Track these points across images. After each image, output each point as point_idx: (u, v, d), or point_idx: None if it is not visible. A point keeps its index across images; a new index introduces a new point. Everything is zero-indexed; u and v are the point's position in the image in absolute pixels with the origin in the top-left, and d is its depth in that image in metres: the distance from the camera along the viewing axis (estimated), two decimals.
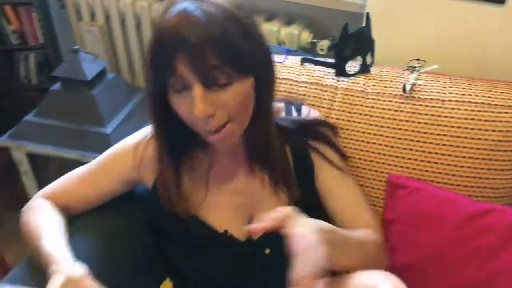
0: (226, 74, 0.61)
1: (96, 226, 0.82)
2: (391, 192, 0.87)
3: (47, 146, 1.22)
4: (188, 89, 0.61)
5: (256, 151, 0.74)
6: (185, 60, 0.58)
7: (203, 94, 0.60)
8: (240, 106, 0.64)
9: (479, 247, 0.76)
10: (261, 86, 0.67)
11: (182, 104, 0.63)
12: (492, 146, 0.82)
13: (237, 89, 0.63)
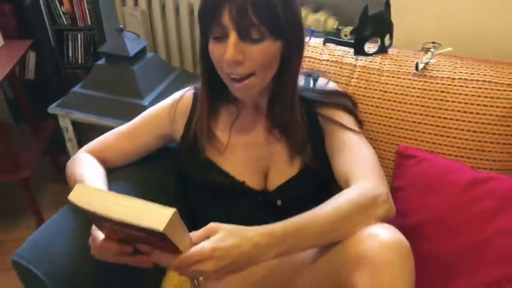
0: (260, 32, 0.71)
1: (132, 177, 0.93)
2: (399, 162, 0.95)
3: (90, 115, 1.35)
4: (225, 38, 0.71)
5: (278, 114, 0.83)
6: (229, 12, 0.69)
7: (236, 42, 0.70)
8: (264, 63, 0.74)
9: (479, 211, 0.82)
10: (289, 53, 0.76)
11: (217, 50, 0.73)
12: (496, 121, 0.88)
13: (266, 48, 0.72)
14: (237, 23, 0.70)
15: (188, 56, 1.73)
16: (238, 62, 0.72)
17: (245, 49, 0.72)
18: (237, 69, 0.73)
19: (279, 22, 0.72)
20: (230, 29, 0.70)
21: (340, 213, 0.68)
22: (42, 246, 0.79)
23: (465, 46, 1.03)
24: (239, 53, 0.71)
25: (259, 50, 0.72)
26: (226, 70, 0.75)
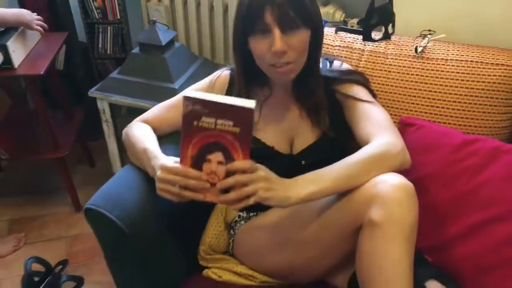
0: (296, 24, 0.88)
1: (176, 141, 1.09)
2: (402, 129, 1.13)
3: (126, 97, 1.53)
4: (268, 33, 0.87)
5: (304, 90, 1.00)
6: (271, 12, 0.86)
7: (280, 35, 0.87)
8: (302, 50, 0.91)
9: (467, 166, 1.00)
10: (314, 39, 0.94)
11: (262, 44, 0.89)
12: (482, 94, 1.07)
13: (301, 37, 0.89)
14: (278, 20, 0.86)
15: (207, 47, 1.91)
16: (284, 52, 0.88)
17: (287, 41, 0.88)
18: (282, 58, 0.89)
19: (309, 13, 0.89)
20: (273, 26, 0.86)
21: (359, 163, 0.84)
22: (113, 196, 0.96)
23: (456, 33, 1.21)
24: (284, 44, 0.87)
25: (296, 40, 0.88)
26: (271, 62, 0.90)
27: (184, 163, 0.81)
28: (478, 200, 0.98)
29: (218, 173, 0.79)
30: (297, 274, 1.00)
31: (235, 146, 0.77)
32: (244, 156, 0.78)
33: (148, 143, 0.98)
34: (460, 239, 0.98)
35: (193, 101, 0.75)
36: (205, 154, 0.79)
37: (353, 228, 0.84)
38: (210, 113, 0.75)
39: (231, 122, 0.74)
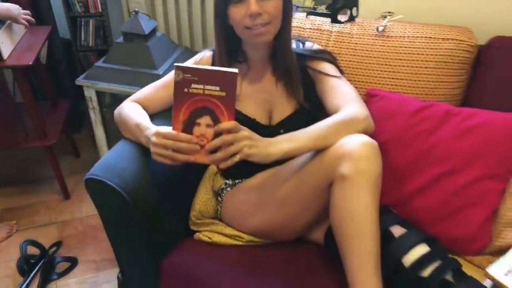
0: None
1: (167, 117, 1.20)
2: (368, 100, 1.27)
3: (112, 84, 1.62)
4: (243, 1, 0.99)
5: (279, 61, 1.13)
6: None
7: (255, 0, 0.98)
8: (275, 14, 1.02)
9: (423, 129, 1.14)
10: (287, 7, 1.05)
11: (239, 12, 1.01)
12: (434, 65, 1.21)
13: (275, 2, 1.01)
14: None
15: (186, 37, 2.01)
16: (259, 14, 1.00)
17: (261, 5, 1.00)
18: (258, 20, 1.01)
19: None
20: None
21: (329, 126, 0.97)
22: (112, 166, 1.05)
23: (413, 14, 1.36)
24: (259, 7, 0.99)
25: (270, 5, 1.00)
26: (249, 24, 1.02)
27: (176, 128, 0.91)
28: (432, 158, 1.12)
29: (207, 135, 0.91)
30: (279, 232, 1.11)
31: (221, 109, 0.88)
32: (229, 118, 0.89)
33: (140, 118, 1.08)
34: (418, 193, 1.12)
35: (183, 70, 0.86)
36: (195, 118, 0.90)
37: (327, 183, 0.96)
38: (199, 80, 0.86)
39: (217, 87, 0.86)
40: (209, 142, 0.91)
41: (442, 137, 1.13)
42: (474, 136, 1.10)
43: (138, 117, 1.09)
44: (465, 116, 1.13)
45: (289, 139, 0.95)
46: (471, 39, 1.22)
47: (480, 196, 1.08)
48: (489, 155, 1.09)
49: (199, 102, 0.89)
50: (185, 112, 0.90)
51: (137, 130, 1.06)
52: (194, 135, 0.91)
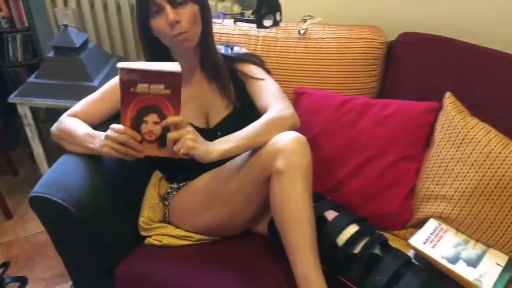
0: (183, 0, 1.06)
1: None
2: (296, 98, 1.38)
3: (47, 99, 1.60)
4: (162, 11, 1.06)
5: (208, 64, 1.20)
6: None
7: (171, 9, 1.05)
8: (193, 20, 1.09)
9: (347, 120, 1.27)
10: (205, 14, 1.13)
11: (160, 22, 1.07)
12: (351, 62, 1.35)
13: (190, 9, 1.08)
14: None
15: (119, 46, 2.02)
16: (177, 21, 1.06)
17: (178, 13, 1.06)
18: (177, 27, 1.07)
19: None
20: (164, 4, 1.05)
21: (261, 126, 1.06)
22: (55, 181, 1.07)
23: (331, 17, 1.49)
24: (175, 15, 1.06)
25: (186, 12, 1.07)
26: (171, 33, 1.08)
27: (124, 125, 0.97)
28: (357, 146, 1.25)
29: (155, 131, 0.96)
30: (226, 228, 1.19)
31: (167, 106, 0.94)
32: (176, 113, 0.95)
33: (88, 129, 1.12)
34: (347, 179, 1.25)
35: (128, 71, 0.90)
36: (142, 116, 0.95)
37: (265, 178, 1.05)
38: (143, 79, 0.90)
39: (162, 85, 0.91)
40: (157, 137, 0.97)
41: (364, 126, 1.26)
42: (390, 124, 1.24)
43: (85, 128, 1.13)
44: (381, 107, 1.26)
45: (226, 140, 1.03)
46: (381, 37, 1.36)
47: (400, 176, 1.22)
48: (402, 139, 1.23)
49: (145, 100, 0.93)
50: (132, 110, 0.95)
51: (88, 138, 1.10)
52: (142, 132, 0.97)
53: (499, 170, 1.04)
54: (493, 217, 1.05)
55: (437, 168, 1.16)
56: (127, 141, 0.97)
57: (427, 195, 1.18)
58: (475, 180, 1.07)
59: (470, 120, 1.13)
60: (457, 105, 1.17)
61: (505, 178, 1.03)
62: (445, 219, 1.13)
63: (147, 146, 0.99)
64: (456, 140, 1.13)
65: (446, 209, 1.12)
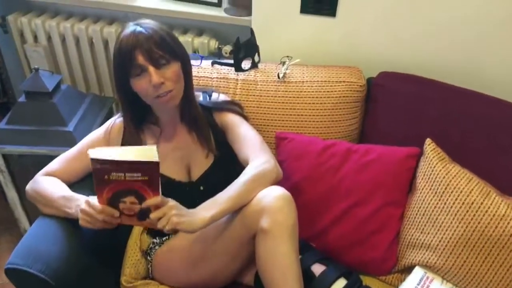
0: (166, 59, 1.04)
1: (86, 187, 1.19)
2: (278, 143, 1.36)
3: (20, 146, 1.54)
4: (144, 72, 1.03)
5: (188, 116, 1.18)
6: (141, 55, 1.02)
7: (155, 71, 1.03)
8: (176, 78, 1.07)
9: (329, 166, 1.26)
10: (186, 68, 1.11)
11: (142, 82, 1.05)
12: (332, 107, 1.34)
13: (173, 68, 1.06)
14: (149, 60, 1.02)
15: (94, 82, 1.97)
16: (161, 83, 1.04)
17: (162, 74, 1.04)
18: (161, 88, 1.05)
19: (174, 49, 1.07)
20: (147, 65, 1.02)
21: (243, 184, 1.04)
22: (31, 250, 1.03)
23: (308, 56, 1.48)
24: (160, 77, 1.04)
25: (169, 72, 1.05)
26: (154, 94, 1.06)
27: (101, 202, 0.94)
28: (340, 192, 1.25)
29: (134, 208, 0.94)
30: (212, 282, 1.16)
31: (146, 189, 0.91)
32: (154, 194, 0.92)
33: (64, 191, 1.09)
34: (332, 225, 1.24)
35: (101, 162, 0.87)
36: (119, 198, 0.93)
37: (250, 236, 1.04)
38: (118, 169, 0.87)
39: (139, 173, 0.88)
40: (135, 213, 0.94)
41: (346, 172, 1.26)
42: (372, 170, 1.24)
43: (61, 190, 1.09)
44: (362, 152, 1.26)
45: (210, 206, 1.01)
46: (360, 79, 1.36)
47: (384, 222, 1.22)
48: (385, 185, 1.23)
49: (121, 185, 0.90)
50: (108, 192, 0.92)
51: (65, 201, 1.06)
52: (120, 208, 0.94)
53: (481, 221, 1.05)
54: (478, 268, 1.06)
55: (420, 216, 1.17)
56: (103, 219, 0.95)
57: (412, 242, 1.19)
58: (459, 230, 1.08)
59: (451, 168, 1.14)
60: (438, 152, 1.18)
61: (487, 230, 1.04)
62: (430, 268, 1.14)
63: (127, 218, 0.96)
64: (439, 189, 1.13)
65: (431, 258, 1.12)
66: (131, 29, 1.04)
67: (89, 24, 1.82)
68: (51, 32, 1.84)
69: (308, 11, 1.44)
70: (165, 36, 1.05)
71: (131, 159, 0.86)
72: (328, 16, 1.44)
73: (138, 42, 1.01)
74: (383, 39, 1.44)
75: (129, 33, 1.03)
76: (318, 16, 1.44)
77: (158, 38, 1.04)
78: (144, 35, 1.02)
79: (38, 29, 1.84)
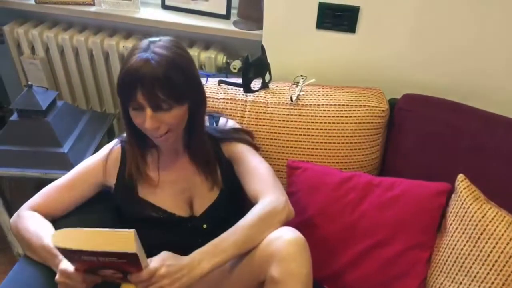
0: (168, 104, 0.91)
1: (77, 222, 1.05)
2: (290, 173, 1.23)
3: (11, 168, 1.43)
4: (143, 109, 0.91)
5: (194, 152, 1.06)
6: (141, 93, 0.89)
7: (151, 115, 0.91)
8: (176, 123, 0.95)
9: (348, 201, 1.14)
10: (195, 107, 0.99)
11: (138, 117, 0.94)
12: (351, 133, 1.21)
13: (175, 113, 0.94)
14: (148, 101, 0.90)
15: (94, 97, 1.85)
16: (157, 128, 0.93)
17: (159, 118, 0.92)
18: (156, 132, 0.94)
19: (182, 91, 0.93)
20: (145, 105, 0.90)
21: (250, 225, 0.92)
22: None
23: (324, 75, 1.35)
24: (155, 121, 0.92)
25: (169, 116, 0.93)
26: (147, 132, 0.96)
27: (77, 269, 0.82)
28: (360, 231, 1.12)
29: (117, 276, 0.82)
30: None
31: (127, 266, 0.79)
32: (138, 269, 0.80)
33: (45, 239, 0.95)
34: (350, 266, 1.12)
35: (67, 251, 0.75)
36: (97, 270, 0.81)
37: (258, 283, 0.92)
38: (89, 255, 0.75)
39: (114, 258, 0.75)
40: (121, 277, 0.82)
41: (367, 209, 1.13)
42: (396, 207, 1.11)
43: (43, 237, 0.96)
44: (385, 187, 1.13)
45: (213, 253, 0.89)
46: (382, 103, 1.23)
47: (409, 266, 1.09)
48: (411, 224, 1.10)
49: (97, 264, 0.78)
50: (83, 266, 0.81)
51: (44, 253, 0.94)
52: (101, 274, 0.82)
53: None
54: None
55: (451, 263, 1.03)
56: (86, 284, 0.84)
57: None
58: (497, 284, 0.94)
59: (488, 209, 1.00)
60: (472, 189, 1.04)
61: None
62: None
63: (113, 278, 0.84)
64: (473, 234, 0.99)
65: None
66: (141, 56, 0.89)
67: (89, 36, 1.70)
68: (49, 43, 1.73)
69: (325, 26, 1.31)
70: (175, 74, 0.90)
71: (103, 249, 0.73)
72: (347, 32, 1.31)
73: (141, 80, 0.88)
74: (407, 58, 1.30)
75: (138, 61, 0.89)
76: (336, 32, 1.32)
77: (166, 79, 0.89)
78: (151, 72, 0.88)
79: (35, 40, 1.74)
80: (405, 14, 1.24)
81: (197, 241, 0.97)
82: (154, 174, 1.08)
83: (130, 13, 1.61)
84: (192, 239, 1.05)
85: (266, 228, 0.92)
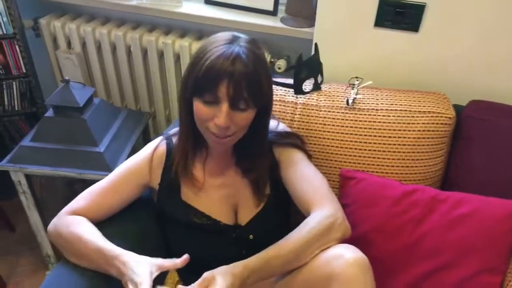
0: (246, 104, 0.83)
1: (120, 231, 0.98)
2: (343, 183, 1.13)
3: (45, 167, 1.37)
4: (216, 104, 0.82)
5: (245, 162, 0.98)
6: (226, 86, 0.80)
7: (228, 111, 0.82)
8: (245, 126, 0.88)
9: (409, 218, 1.03)
10: (263, 114, 0.91)
11: (207, 112, 0.84)
12: (414, 142, 1.10)
13: (247, 115, 0.86)
14: (231, 96, 0.81)
15: (129, 94, 1.79)
16: (227, 127, 0.84)
17: (233, 116, 0.84)
18: (224, 132, 0.85)
19: (263, 96, 0.86)
20: (223, 99, 0.82)
21: (303, 242, 0.83)
22: None
23: (382, 77, 1.24)
24: (228, 120, 0.83)
25: (242, 118, 0.85)
26: (212, 131, 0.86)
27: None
28: (423, 251, 1.01)
29: None
30: None
31: None
32: None
33: (99, 242, 0.88)
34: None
35: None
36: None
37: None
38: None
39: None
40: None
41: (431, 227, 1.02)
42: (465, 227, 0.99)
43: (95, 240, 0.88)
44: (453, 203, 1.02)
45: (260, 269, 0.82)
46: (448, 110, 1.11)
47: None
48: (482, 246, 0.98)
49: None
50: None
51: (100, 256, 0.86)
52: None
53: None
54: None
55: None
56: None
57: None
58: None
59: None
60: None
61: None
62: None
63: None
64: None
65: None
66: (231, 49, 0.82)
67: (127, 31, 1.64)
68: (86, 37, 1.67)
69: (384, 24, 1.21)
70: (262, 78, 0.85)
71: None
72: (409, 31, 1.20)
73: (232, 73, 0.80)
74: (475, 62, 1.19)
75: (227, 53, 0.81)
76: (396, 31, 1.21)
77: (254, 79, 0.83)
78: (243, 67, 0.81)
79: (72, 34, 1.68)
80: (476, 13, 1.12)
81: (241, 253, 0.92)
82: (200, 173, 1.00)
83: (172, 7, 1.54)
84: (237, 250, 0.99)
85: (321, 245, 0.85)
